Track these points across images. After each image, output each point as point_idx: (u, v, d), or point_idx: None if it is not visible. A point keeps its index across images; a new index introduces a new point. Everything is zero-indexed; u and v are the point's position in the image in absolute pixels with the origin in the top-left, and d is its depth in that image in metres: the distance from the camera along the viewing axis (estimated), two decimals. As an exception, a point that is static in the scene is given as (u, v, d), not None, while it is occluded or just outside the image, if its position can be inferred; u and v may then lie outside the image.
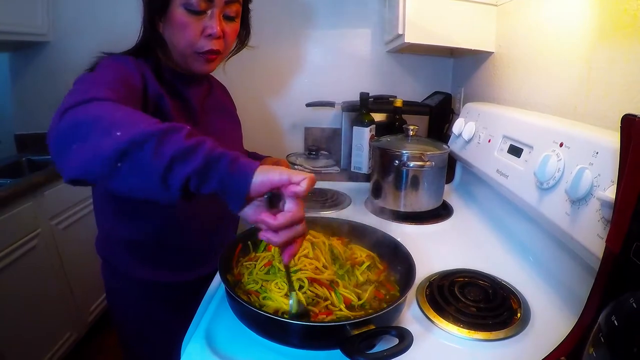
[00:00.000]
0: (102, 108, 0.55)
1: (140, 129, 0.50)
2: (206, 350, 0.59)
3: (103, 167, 0.50)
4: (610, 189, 0.60)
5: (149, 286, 0.94)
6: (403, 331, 0.54)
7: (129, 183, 0.51)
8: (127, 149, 0.49)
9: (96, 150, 0.50)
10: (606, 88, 0.81)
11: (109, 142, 0.49)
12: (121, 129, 0.50)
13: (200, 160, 0.50)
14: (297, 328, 0.59)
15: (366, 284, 0.73)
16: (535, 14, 1.10)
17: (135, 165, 0.49)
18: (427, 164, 1.06)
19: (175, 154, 0.49)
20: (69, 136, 0.52)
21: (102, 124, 0.52)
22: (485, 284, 0.76)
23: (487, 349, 0.62)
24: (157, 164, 0.49)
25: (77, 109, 0.54)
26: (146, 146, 0.49)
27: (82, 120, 0.53)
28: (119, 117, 0.53)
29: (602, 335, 0.43)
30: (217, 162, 0.51)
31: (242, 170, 0.52)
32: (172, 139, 0.50)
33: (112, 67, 0.73)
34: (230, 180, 0.51)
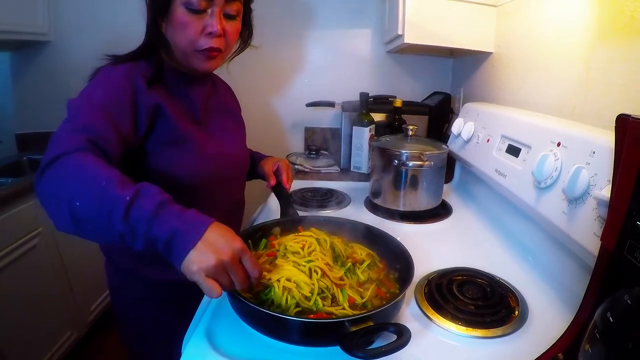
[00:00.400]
0: (66, 169, 0.61)
1: (93, 205, 0.57)
2: (207, 348, 0.60)
3: (73, 230, 0.59)
4: (607, 188, 0.60)
5: (151, 284, 0.94)
6: (401, 327, 0.54)
7: (97, 239, 0.63)
8: (85, 220, 0.57)
9: (64, 217, 0.58)
10: (604, 88, 0.82)
11: (68, 214, 0.57)
12: (80, 198, 0.57)
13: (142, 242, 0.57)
14: (296, 325, 0.59)
15: (367, 282, 0.73)
16: (534, 14, 1.11)
17: (96, 231, 0.59)
18: (426, 163, 1.07)
19: (123, 233, 0.56)
20: (47, 201, 0.61)
21: (63, 192, 0.58)
22: (483, 282, 0.77)
23: (485, 346, 0.63)
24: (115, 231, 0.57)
25: (49, 170, 0.61)
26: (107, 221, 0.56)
27: (49, 187, 0.61)
28: (79, 181, 0.59)
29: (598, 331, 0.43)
30: (155, 242, 0.57)
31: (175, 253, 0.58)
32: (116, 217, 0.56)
33: (100, 88, 0.76)
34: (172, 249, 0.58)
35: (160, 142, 0.82)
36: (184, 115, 0.88)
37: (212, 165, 0.90)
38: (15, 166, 1.94)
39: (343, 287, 0.69)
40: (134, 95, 0.77)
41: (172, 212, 0.58)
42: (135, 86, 0.78)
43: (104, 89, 0.75)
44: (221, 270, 0.56)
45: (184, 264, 0.56)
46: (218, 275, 0.56)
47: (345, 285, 0.70)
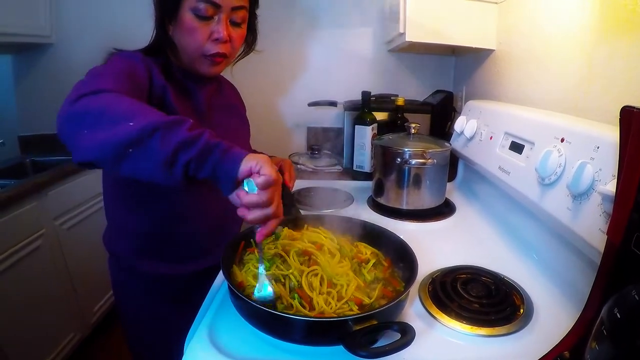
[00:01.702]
0: (111, 99, 0.60)
1: (150, 120, 0.56)
2: (209, 347, 0.60)
3: (115, 152, 0.56)
4: (612, 183, 0.60)
5: (154, 279, 0.95)
6: (405, 326, 0.54)
7: (137, 167, 0.57)
8: (139, 137, 0.55)
9: (109, 136, 0.56)
10: (607, 83, 0.81)
11: (122, 130, 0.55)
12: (133, 119, 0.56)
13: (199, 149, 0.56)
14: (299, 324, 0.59)
15: (374, 282, 0.72)
16: (535, 11, 1.10)
17: (144, 152, 0.55)
18: (428, 161, 1.06)
19: (179, 144, 0.55)
20: (81, 121, 0.58)
21: (113, 113, 0.58)
22: (487, 280, 0.76)
23: (490, 344, 0.62)
24: (164, 151, 0.55)
25: (89, 98, 0.59)
26: (155, 135, 0.55)
27: (94, 108, 0.59)
28: (129, 108, 0.59)
29: (605, 328, 0.43)
30: (212, 151, 0.57)
31: (232, 157, 0.58)
32: (177, 130, 0.56)
33: (121, 61, 0.77)
34: (222, 166, 0.58)
35: None
36: (188, 111, 0.89)
37: None
38: (18, 168, 1.95)
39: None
40: (150, 74, 0.80)
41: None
42: (150, 67, 0.81)
43: (125, 63, 0.77)
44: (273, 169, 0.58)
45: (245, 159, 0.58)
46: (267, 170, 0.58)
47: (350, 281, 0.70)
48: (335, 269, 0.71)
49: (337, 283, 0.68)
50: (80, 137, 0.58)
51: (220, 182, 0.59)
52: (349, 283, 0.68)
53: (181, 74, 0.90)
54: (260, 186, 0.57)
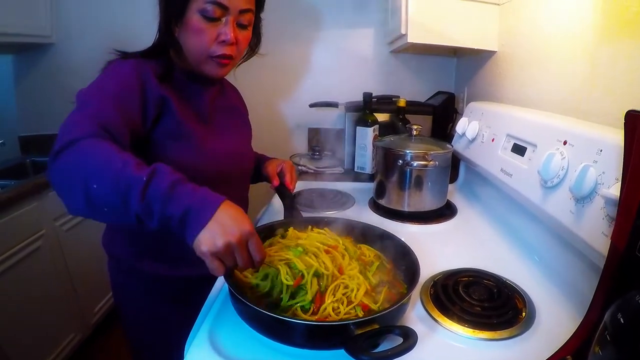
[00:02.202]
0: (79, 154, 0.62)
1: (109, 186, 0.58)
2: (210, 351, 0.59)
3: (92, 212, 0.62)
4: (615, 187, 0.60)
5: (153, 281, 0.95)
6: (407, 330, 0.54)
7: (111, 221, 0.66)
8: (101, 202, 0.60)
9: (78, 201, 0.60)
10: (609, 85, 0.81)
11: (89, 194, 0.59)
12: (96, 179, 0.59)
13: (157, 220, 0.59)
14: (300, 328, 0.58)
15: (379, 285, 0.72)
16: (537, 12, 1.10)
17: (110, 213, 0.61)
18: (430, 163, 1.06)
19: (139, 212, 0.58)
20: (61, 181, 0.63)
21: (80, 175, 0.60)
22: (489, 284, 0.76)
23: (492, 348, 0.62)
24: (131, 213, 0.59)
25: (62, 155, 0.62)
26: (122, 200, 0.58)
27: (65, 171, 0.62)
28: (95, 163, 0.61)
29: (608, 333, 0.42)
30: (170, 220, 0.59)
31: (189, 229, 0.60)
32: (133, 197, 0.58)
33: (110, 79, 0.78)
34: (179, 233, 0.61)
35: (166, 135, 0.83)
36: (190, 113, 0.89)
37: (216, 163, 0.91)
38: (18, 168, 1.95)
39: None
40: (143, 87, 0.79)
41: (186, 190, 0.60)
42: (144, 78, 0.80)
43: (115, 80, 0.77)
44: (228, 251, 0.59)
45: (195, 243, 0.59)
46: (224, 256, 0.59)
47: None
48: (347, 271, 0.71)
49: (349, 286, 0.68)
50: (63, 196, 0.63)
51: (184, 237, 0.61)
52: (359, 287, 0.68)
53: (184, 76, 0.90)
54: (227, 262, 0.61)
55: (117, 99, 0.73)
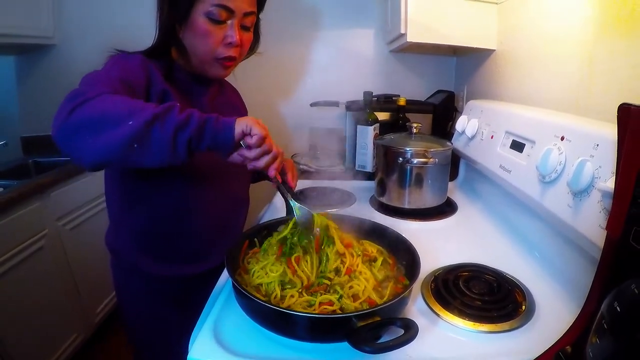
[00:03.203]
0: (105, 102, 0.64)
1: (145, 115, 0.62)
2: (214, 345, 0.60)
3: (122, 150, 0.62)
4: (611, 180, 0.61)
5: (156, 280, 0.95)
6: (408, 322, 0.55)
7: (144, 157, 0.64)
8: (140, 133, 0.61)
9: (113, 138, 0.62)
10: (607, 82, 0.82)
11: (123, 130, 0.61)
12: (130, 117, 0.62)
13: (195, 126, 0.64)
14: (304, 321, 0.59)
15: (385, 280, 0.73)
16: (535, 10, 1.11)
17: (147, 144, 0.63)
18: (430, 160, 1.07)
19: (176, 127, 0.63)
20: (81, 130, 0.63)
21: (110, 116, 0.63)
22: (489, 278, 0.77)
23: (492, 340, 0.63)
24: (165, 137, 0.63)
25: (84, 107, 0.63)
26: (153, 127, 0.62)
27: (90, 115, 0.63)
28: (122, 107, 0.64)
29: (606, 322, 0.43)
30: (206, 124, 0.66)
31: (225, 125, 0.67)
32: (170, 117, 0.63)
33: (116, 67, 0.78)
34: (219, 135, 0.67)
35: None
36: None
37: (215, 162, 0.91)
38: (20, 169, 1.96)
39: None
40: (149, 78, 0.81)
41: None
42: (150, 71, 0.82)
43: (121, 68, 0.78)
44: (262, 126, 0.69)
45: (236, 125, 0.67)
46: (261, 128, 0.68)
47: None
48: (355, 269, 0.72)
49: (360, 280, 0.69)
50: (84, 144, 0.63)
51: (220, 147, 0.69)
52: (368, 281, 0.69)
53: (185, 75, 0.91)
54: (255, 144, 0.68)
55: (124, 82, 0.74)
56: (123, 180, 0.89)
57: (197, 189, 0.91)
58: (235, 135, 0.67)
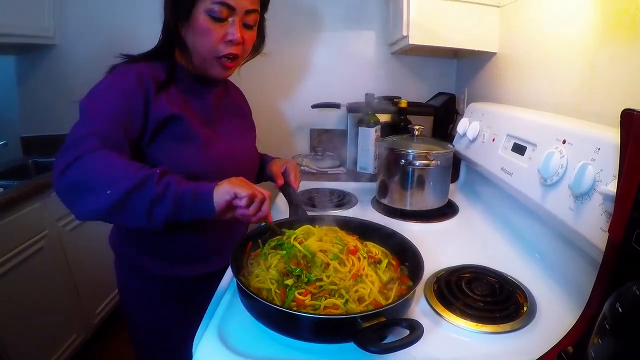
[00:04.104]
0: (91, 166, 0.69)
1: (122, 186, 0.66)
2: (219, 346, 0.60)
3: (105, 215, 0.68)
4: (612, 184, 0.61)
5: (160, 280, 0.96)
6: (413, 322, 0.55)
7: (126, 221, 0.72)
8: (117, 202, 0.66)
9: (95, 205, 0.67)
10: (608, 86, 0.83)
11: (103, 199, 0.66)
12: (109, 187, 0.66)
13: (170, 201, 0.68)
14: (309, 322, 0.60)
15: (390, 282, 0.73)
16: (537, 14, 1.12)
17: (126, 211, 0.68)
18: (432, 162, 1.08)
19: (151, 200, 0.67)
20: (69, 193, 0.69)
21: (93, 184, 0.68)
22: (491, 279, 0.77)
23: (494, 341, 0.63)
24: (140, 209, 0.68)
25: (72, 168, 0.68)
26: (130, 198, 0.67)
27: (77, 180, 0.68)
28: (106, 174, 0.68)
29: (607, 323, 0.44)
30: (182, 198, 0.69)
31: (203, 198, 0.70)
32: (147, 189, 0.67)
33: (113, 92, 0.80)
34: (196, 207, 0.70)
35: (171, 137, 0.85)
36: (197, 115, 0.90)
37: (221, 163, 0.92)
38: (20, 169, 1.95)
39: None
40: (146, 97, 0.81)
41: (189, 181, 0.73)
42: (147, 94, 0.82)
43: (116, 97, 0.79)
44: (243, 183, 0.73)
45: (215, 194, 0.70)
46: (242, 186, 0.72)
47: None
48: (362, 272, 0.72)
49: (366, 283, 0.69)
50: (73, 205, 0.69)
51: (204, 218, 0.72)
52: (374, 283, 0.69)
53: (188, 76, 0.91)
54: (246, 205, 0.71)
55: (118, 117, 0.77)
56: None
57: None
58: (219, 206, 0.70)
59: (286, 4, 1.86)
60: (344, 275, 0.69)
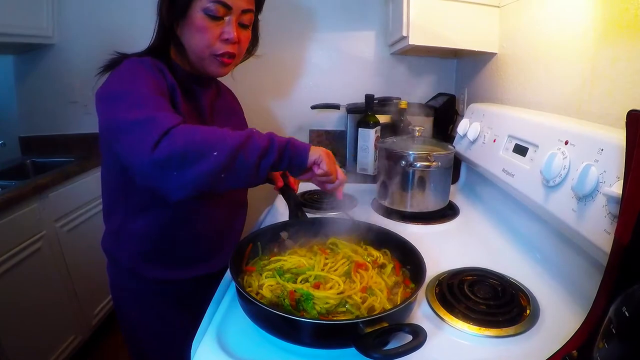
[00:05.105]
0: (184, 135, 0.67)
1: (229, 145, 0.67)
2: (218, 351, 0.60)
3: (211, 182, 0.68)
4: (616, 185, 0.61)
5: (155, 284, 0.94)
6: (416, 328, 0.54)
7: (230, 184, 0.70)
8: (226, 163, 0.67)
9: (200, 171, 0.66)
10: (610, 86, 0.82)
11: (209, 163, 0.66)
12: (215, 148, 0.66)
13: (276, 153, 0.72)
14: (310, 327, 0.58)
15: (395, 286, 0.73)
16: (537, 14, 1.11)
17: (234, 172, 0.68)
18: (433, 164, 1.07)
19: (260, 156, 0.70)
20: (167, 168, 0.65)
21: (194, 150, 0.66)
22: (494, 282, 0.76)
23: (497, 345, 0.63)
24: (249, 165, 0.69)
25: (163, 142, 0.65)
26: (239, 157, 0.68)
27: (174, 151, 0.65)
28: (204, 138, 0.67)
29: (614, 327, 0.43)
30: (285, 150, 0.74)
31: (301, 152, 0.77)
32: (253, 145, 0.70)
33: (145, 76, 0.78)
34: (294, 161, 0.76)
35: None
36: (192, 115, 0.89)
37: None
38: (18, 169, 1.95)
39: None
40: (164, 76, 0.83)
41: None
42: (162, 71, 0.83)
43: (148, 79, 0.78)
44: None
45: (310, 151, 0.78)
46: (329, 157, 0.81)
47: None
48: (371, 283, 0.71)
49: (375, 291, 0.68)
50: (170, 179, 0.66)
51: (293, 170, 0.79)
52: (382, 291, 0.68)
53: (184, 76, 0.90)
54: (321, 174, 0.80)
55: (164, 95, 0.77)
56: (125, 188, 0.88)
57: None
58: (309, 162, 0.78)
59: (286, 4, 1.85)
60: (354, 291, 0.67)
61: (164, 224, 0.90)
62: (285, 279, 0.70)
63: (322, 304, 0.64)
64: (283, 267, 0.73)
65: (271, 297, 0.67)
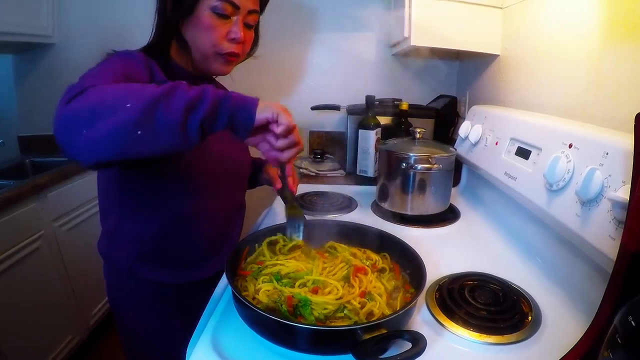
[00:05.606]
0: (99, 91, 0.58)
1: (146, 95, 0.55)
2: (213, 355, 0.59)
3: (123, 139, 0.55)
4: (622, 189, 0.59)
5: (153, 286, 0.93)
6: (416, 335, 0.53)
7: (151, 146, 0.57)
8: (142, 116, 0.54)
9: (111, 126, 0.54)
10: (614, 88, 0.81)
11: (122, 115, 0.54)
12: (129, 100, 0.55)
13: (209, 104, 0.58)
14: (307, 332, 0.58)
15: (394, 291, 0.72)
16: (540, 15, 1.10)
17: (152, 128, 0.55)
18: (434, 166, 1.06)
19: (186, 106, 0.56)
20: (76, 122, 0.56)
21: (106, 103, 0.56)
22: (495, 287, 0.75)
23: (498, 352, 0.61)
24: (173, 118, 0.55)
25: (78, 98, 0.57)
26: (157, 109, 0.55)
27: (85, 106, 0.56)
28: (119, 92, 0.57)
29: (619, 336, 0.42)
30: (221, 103, 0.59)
31: (245, 105, 0.62)
32: (178, 95, 0.57)
33: (118, 60, 0.77)
34: (237, 117, 0.61)
35: None
36: None
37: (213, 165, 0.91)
38: (17, 168, 1.95)
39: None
40: (151, 75, 0.80)
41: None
42: (151, 68, 0.81)
43: (125, 63, 0.76)
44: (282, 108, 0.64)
45: (259, 106, 0.62)
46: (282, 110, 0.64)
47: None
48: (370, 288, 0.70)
49: (374, 296, 0.67)
50: (80, 138, 0.56)
51: (237, 129, 0.62)
52: (382, 296, 0.67)
53: (183, 74, 0.90)
54: (281, 134, 0.63)
55: (127, 76, 0.72)
56: (122, 189, 0.87)
57: (196, 196, 0.90)
58: (258, 120, 0.62)
59: (286, 4, 1.84)
60: (353, 296, 0.66)
61: (160, 225, 0.89)
62: (283, 284, 0.68)
63: (321, 310, 0.63)
64: (281, 271, 0.72)
65: (268, 302, 0.65)
